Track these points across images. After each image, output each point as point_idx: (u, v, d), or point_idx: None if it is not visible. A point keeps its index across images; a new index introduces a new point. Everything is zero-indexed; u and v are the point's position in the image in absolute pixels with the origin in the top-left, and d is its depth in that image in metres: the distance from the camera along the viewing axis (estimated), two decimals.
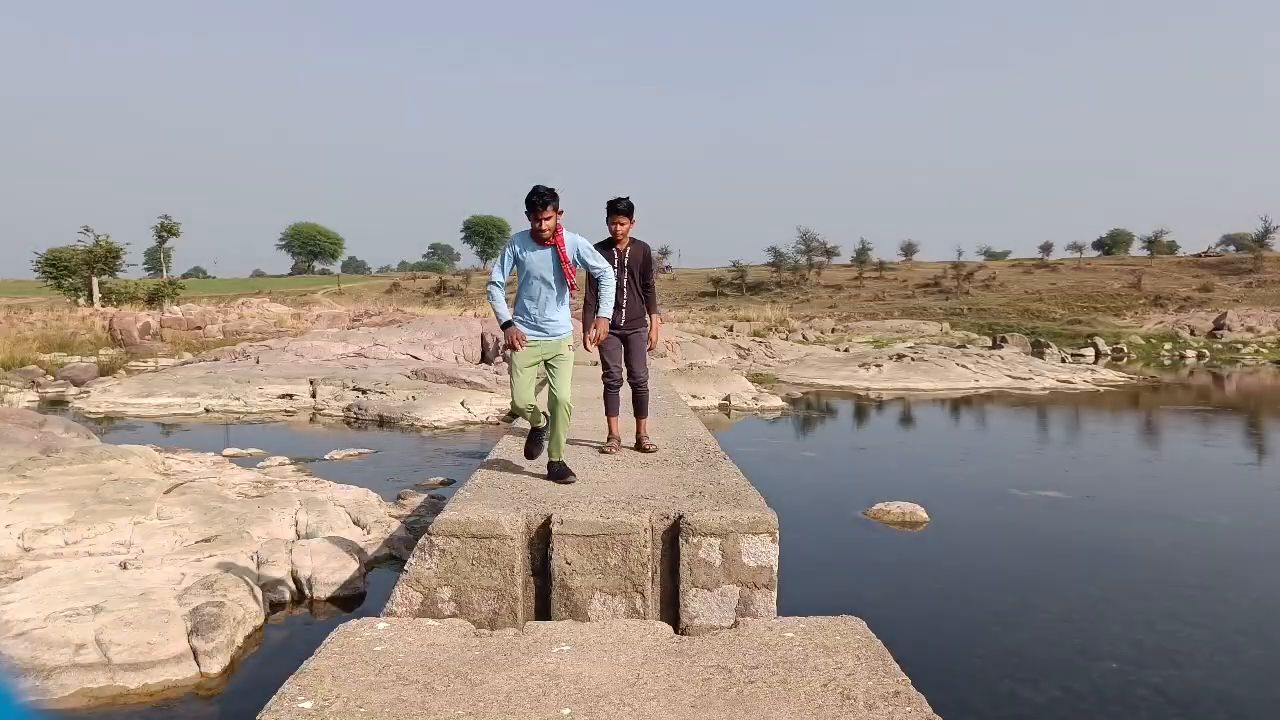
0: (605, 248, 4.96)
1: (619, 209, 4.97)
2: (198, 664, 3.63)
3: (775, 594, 3.52)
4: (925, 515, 6.61)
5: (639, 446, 5.16)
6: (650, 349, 5.19)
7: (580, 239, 4.33)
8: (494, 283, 4.27)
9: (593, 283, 4.74)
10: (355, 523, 5.90)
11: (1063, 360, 26.44)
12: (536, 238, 4.14)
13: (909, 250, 70.82)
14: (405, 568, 3.45)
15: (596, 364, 5.90)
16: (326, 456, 9.00)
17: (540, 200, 4.00)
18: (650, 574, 3.54)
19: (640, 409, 5.23)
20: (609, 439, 5.24)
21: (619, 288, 4.91)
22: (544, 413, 4.40)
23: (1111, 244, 75.60)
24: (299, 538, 5.41)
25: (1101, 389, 18.27)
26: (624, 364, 5.17)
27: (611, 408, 5.24)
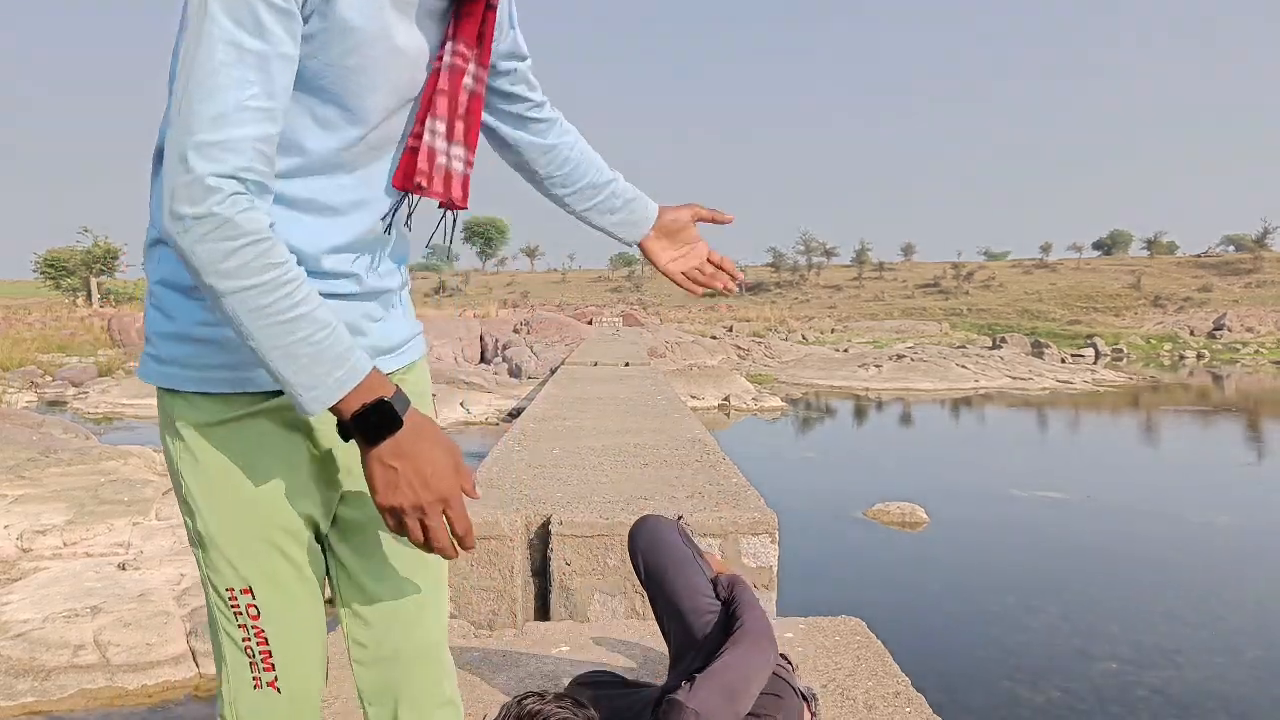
0: None
1: None
2: (196, 665, 3.62)
3: (775, 594, 3.52)
4: (925, 515, 6.61)
5: None
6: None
7: None
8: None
9: None
10: None
11: (1062, 361, 26.46)
12: None
13: (909, 251, 70.95)
14: None
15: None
16: None
17: None
18: None
19: None
20: None
21: None
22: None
23: (1111, 244, 75.74)
24: None
25: (1101, 389, 18.27)
26: None
27: None
